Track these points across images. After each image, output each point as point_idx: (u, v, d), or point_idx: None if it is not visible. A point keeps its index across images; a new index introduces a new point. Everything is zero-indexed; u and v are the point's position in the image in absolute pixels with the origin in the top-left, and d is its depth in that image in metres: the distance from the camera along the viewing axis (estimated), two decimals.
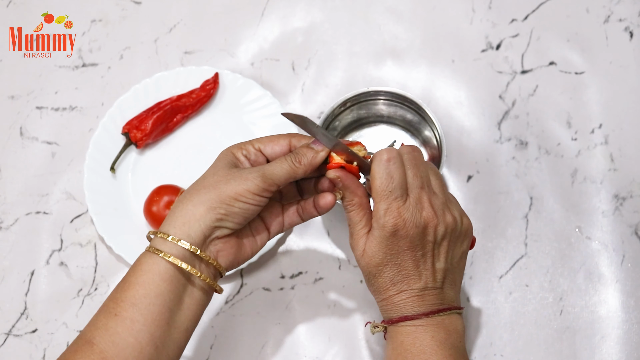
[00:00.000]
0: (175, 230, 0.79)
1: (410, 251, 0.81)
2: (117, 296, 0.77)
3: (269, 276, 1.07)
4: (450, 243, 0.84)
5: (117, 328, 0.76)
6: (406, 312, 0.82)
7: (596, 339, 1.03)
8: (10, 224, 1.11)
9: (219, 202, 0.79)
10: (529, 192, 1.09)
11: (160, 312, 0.77)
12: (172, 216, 0.80)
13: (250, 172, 0.80)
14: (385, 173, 0.81)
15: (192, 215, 0.79)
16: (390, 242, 0.80)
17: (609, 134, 1.12)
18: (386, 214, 0.80)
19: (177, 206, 0.80)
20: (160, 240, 0.79)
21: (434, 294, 0.83)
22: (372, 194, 0.82)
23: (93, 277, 1.09)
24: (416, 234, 0.80)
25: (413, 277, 0.82)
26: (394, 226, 0.80)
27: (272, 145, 0.84)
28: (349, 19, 1.21)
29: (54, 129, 1.17)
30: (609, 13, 1.18)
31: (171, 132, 1.14)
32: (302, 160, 0.82)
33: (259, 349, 1.04)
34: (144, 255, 0.79)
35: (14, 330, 1.06)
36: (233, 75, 1.15)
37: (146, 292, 0.77)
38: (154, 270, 0.77)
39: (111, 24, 1.22)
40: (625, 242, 1.06)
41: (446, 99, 1.15)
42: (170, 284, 0.78)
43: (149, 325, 0.76)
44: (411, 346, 0.81)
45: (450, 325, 0.82)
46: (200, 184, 0.81)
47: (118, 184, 1.11)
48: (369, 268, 0.83)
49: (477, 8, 1.20)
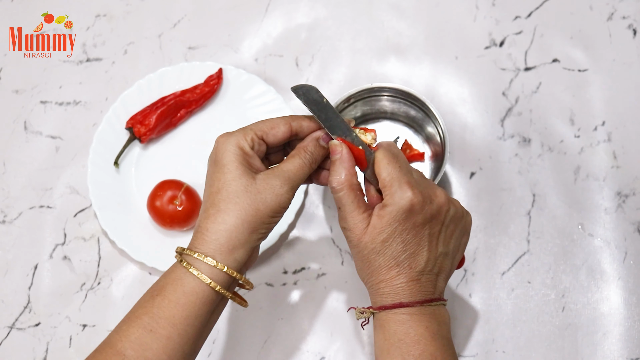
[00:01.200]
0: (223, 257, 0.77)
1: (420, 227, 0.80)
2: (154, 312, 0.76)
3: (272, 272, 1.07)
4: (455, 229, 0.83)
5: (153, 344, 0.75)
6: (402, 298, 0.80)
7: (598, 335, 1.03)
8: (14, 218, 1.12)
9: (260, 223, 0.79)
10: (532, 189, 1.09)
11: (195, 333, 0.78)
12: (213, 237, 0.78)
13: (281, 185, 0.80)
14: (389, 153, 0.81)
15: (238, 240, 0.78)
16: (405, 216, 0.79)
17: (612, 132, 1.12)
18: (402, 186, 0.79)
19: (215, 226, 0.78)
20: (204, 265, 0.77)
21: (430, 280, 0.81)
22: (382, 176, 0.81)
23: (96, 271, 1.09)
24: (430, 210, 0.80)
25: (416, 258, 0.80)
26: (411, 200, 0.78)
27: (273, 132, 0.83)
28: (352, 15, 1.21)
29: (58, 124, 1.17)
30: (612, 10, 1.18)
31: (175, 127, 1.15)
32: (317, 160, 0.84)
33: (262, 344, 1.04)
34: (185, 273, 0.77)
35: (17, 324, 1.07)
36: (237, 71, 1.15)
37: (187, 314, 0.76)
38: (198, 294, 0.77)
39: (115, 19, 1.22)
40: (628, 239, 1.07)
41: (449, 96, 1.16)
42: (209, 306, 0.78)
43: (184, 344, 0.77)
44: (405, 336, 0.79)
45: (440, 317, 0.81)
46: (234, 202, 0.78)
47: (121, 179, 1.11)
48: (373, 244, 0.80)
49: (480, 5, 1.20)
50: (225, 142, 0.81)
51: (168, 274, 0.79)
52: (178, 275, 0.78)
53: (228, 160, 0.79)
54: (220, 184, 0.79)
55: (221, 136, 0.82)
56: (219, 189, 0.79)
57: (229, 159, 0.80)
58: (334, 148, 0.83)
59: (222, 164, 0.80)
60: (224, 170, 0.79)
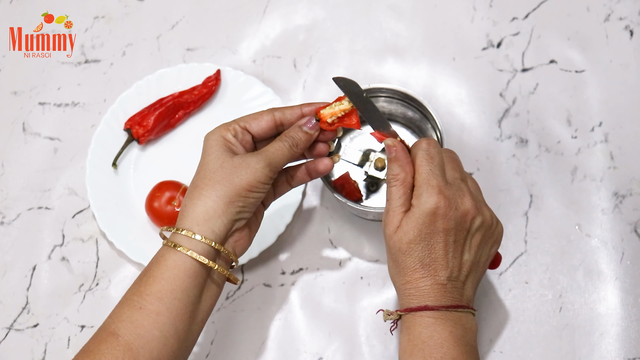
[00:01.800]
0: (200, 227, 0.80)
1: (444, 234, 0.81)
2: (141, 290, 0.79)
3: (270, 272, 1.08)
4: (482, 238, 0.84)
5: (143, 321, 0.77)
6: (428, 302, 0.81)
7: (595, 336, 1.03)
8: (12, 219, 1.12)
9: (236, 196, 0.82)
10: (529, 190, 1.10)
11: (185, 307, 0.79)
12: (191, 212, 0.81)
13: (257, 161, 0.83)
14: (425, 153, 0.83)
15: (214, 211, 0.81)
16: (429, 220, 0.80)
17: (609, 132, 1.12)
18: (429, 190, 0.81)
19: (192, 202, 0.82)
20: (183, 238, 0.80)
21: (456, 287, 0.82)
22: (415, 176, 0.83)
23: (94, 272, 1.09)
24: (454, 217, 0.81)
25: (441, 263, 0.81)
26: (436, 204, 0.80)
27: (257, 122, 0.87)
28: (350, 17, 1.22)
29: (56, 125, 1.17)
30: (609, 12, 1.19)
31: (173, 129, 1.15)
32: (299, 145, 0.86)
33: (260, 344, 1.04)
34: (167, 250, 0.81)
35: (16, 325, 1.07)
36: (235, 72, 1.16)
37: (172, 288, 0.79)
38: (180, 267, 0.79)
39: (114, 20, 1.23)
40: (625, 239, 1.07)
41: (447, 97, 1.16)
42: (195, 279, 0.80)
43: (174, 319, 0.78)
44: (429, 339, 0.80)
45: (467, 323, 0.82)
46: (210, 178, 0.82)
47: (120, 180, 1.12)
48: (400, 244, 0.82)
49: (478, 6, 1.20)
50: (210, 134, 0.86)
51: (155, 255, 0.82)
52: (161, 253, 0.81)
53: (209, 147, 0.84)
54: (200, 167, 0.84)
55: (208, 133, 0.86)
56: (199, 172, 0.84)
57: (210, 145, 0.84)
58: (388, 147, 0.86)
59: (206, 152, 0.85)
60: (205, 156, 0.84)
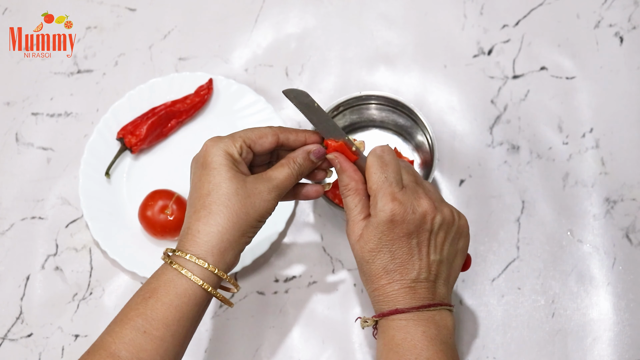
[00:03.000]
0: (214, 258, 0.79)
1: (406, 238, 0.81)
2: (147, 313, 0.78)
3: (263, 280, 1.08)
4: (447, 235, 0.84)
5: (146, 345, 0.77)
6: (398, 305, 0.81)
7: (588, 341, 1.03)
8: (5, 229, 1.12)
9: (248, 227, 0.81)
10: (521, 196, 1.10)
11: (187, 333, 0.80)
12: (204, 239, 0.79)
13: (269, 191, 0.82)
14: (379, 161, 0.83)
15: (229, 243, 0.80)
16: (387, 227, 0.80)
17: (599, 138, 1.13)
18: (383, 198, 0.80)
19: (206, 228, 0.80)
20: (195, 266, 0.79)
21: (426, 287, 0.82)
22: (369, 184, 0.83)
23: (88, 281, 1.09)
24: (413, 221, 0.80)
25: (406, 266, 0.81)
26: (392, 211, 0.80)
27: (261, 142, 0.85)
28: (342, 25, 1.22)
29: (49, 135, 1.17)
30: (599, 18, 1.19)
31: (166, 138, 1.15)
32: (304, 172, 0.86)
33: (253, 352, 1.04)
34: (177, 275, 0.79)
35: (10, 335, 1.07)
36: (227, 81, 1.16)
37: (180, 316, 0.78)
38: (190, 295, 0.79)
39: (106, 30, 1.23)
40: (617, 245, 1.07)
41: (438, 104, 1.16)
42: (200, 307, 0.80)
43: (176, 345, 0.78)
44: (402, 341, 0.80)
45: (441, 321, 0.82)
46: (226, 205, 0.80)
47: (113, 189, 1.12)
48: (362, 253, 0.82)
49: (468, 14, 1.21)
50: (214, 147, 0.82)
51: (158, 275, 0.80)
52: (169, 278, 0.79)
53: (218, 164, 0.81)
54: (211, 187, 0.81)
55: (210, 140, 0.84)
56: (210, 191, 0.80)
57: (218, 162, 0.81)
58: (331, 161, 0.86)
59: (212, 167, 0.81)
60: (213, 173, 0.81)
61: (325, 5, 1.23)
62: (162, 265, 0.81)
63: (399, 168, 0.84)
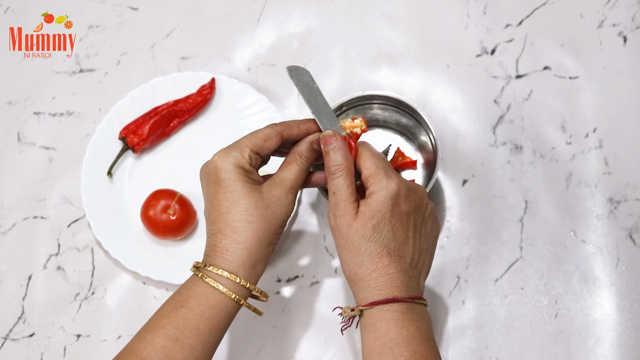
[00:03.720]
0: (246, 273, 0.81)
1: (406, 216, 0.81)
2: (180, 323, 0.79)
3: (266, 280, 1.07)
4: (431, 226, 0.86)
5: (177, 354, 0.78)
6: (396, 292, 0.79)
7: (591, 341, 1.03)
8: (7, 229, 1.12)
9: (274, 235, 0.83)
10: (524, 196, 1.10)
11: (216, 343, 0.81)
12: (233, 255, 0.81)
13: (286, 195, 0.83)
14: (374, 150, 0.85)
15: (258, 256, 0.81)
16: (392, 202, 0.80)
17: (603, 138, 1.13)
18: (388, 176, 0.81)
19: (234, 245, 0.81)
20: (229, 282, 0.80)
21: (414, 276, 0.82)
22: (366, 166, 0.83)
23: (90, 281, 1.09)
24: (414, 200, 0.83)
25: (404, 248, 0.81)
26: (398, 187, 0.81)
27: (267, 145, 0.84)
28: (344, 25, 1.22)
29: (51, 134, 1.17)
30: (602, 18, 1.19)
31: (168, 137, 1.15)
32: (311, 162, 0.87)
33: (255, 352, 1.04)
34: (211, 289, 0.80)
35: (12, 335, 1.07)
36: (229, 81, 1.16)
37: (211, 326, 0.79)
38: (222, 307, 0.80)
39: (108, 30, 1.23)
40: (620, 245, 1.07)
41: (441, 104, 1.16)
42: (229, 318, 0.82)
43: (206, 355, 0.80)
44: (397, 336, 0.78)
45: (427, 317, 0.82)
46: (248, 220, 0.81)
47: (115, 189, 1.12)
48: (364, 230, 0.80)
49: (471, 13, 1.21)
50: (224, 162, 0.82)
51: (190, 287, 0.81)
52: (202, 290, 0.80)
53: (232, 179, 0.81)
54: (230, 204, 0.81)
55: (218, 155, 0.83)
56: (229, 209, 0.81)
57: (232, 177, 0.82)
58: (328, 139, 0.84)
59: (226, 183, 0.81)
60: (229, 190, 0.81)
61: (328, 5, 1.22)
62: (192, 277, 0.82)
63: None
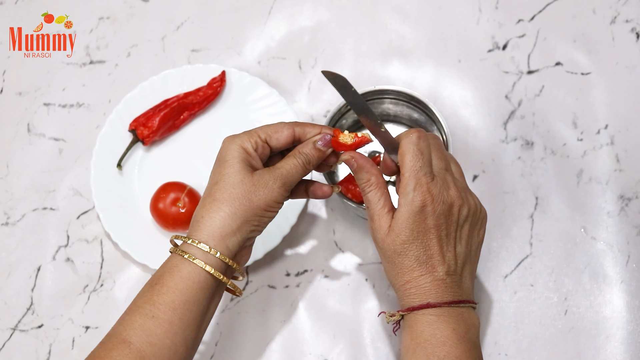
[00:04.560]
0: (216, 242, 0.81)
1: (435, 229, 0.81)
2: (154, 299, 0.80)
3: (275, 274, 1.07)
4: (471, 227, 0.84)
5: (155, 329, 0.78)
6: (430, 299, 0.81)
7: (601, 339, 1.03)
8: (17, 220, 1.12)
9: (252, 215, 0.82)
10: (535, 192, 1.10)
11: (195, 318, 0.81)
12: (208, 225, 0.82)
13: (274, 181, 0.83)
14: (416, 149, 0.82)
15: (231, 228, 0.81)
16: (418, 218, 0.80)
17: (614, 135, 1.12)
18: (415, 189, 0.80)
19: (210, 214, 0.82)
20: (199, 250, 0.81)
21: (455, 281, 0.82)
22: (402, 170, 0.82)
23: (99, 273, 1.09)
24: (442, 212, 0.81)
25: (437, 259, 0.81)
26: (423, 201, 0.80)
27: (277, 137, 0.86)
28: (355, 18, 1.21)
29: (61, 126, 1.17)
30: (615, 14, 1.18)
31: (178, 130, 1.15)
32: (312, 162, 0.86)
33: (264, 346, 1.04)
34: (182, 261, 0.81)
35: (20, 326, 1.07)
36: (240, 74, 1.16)
37: (186, 299, 0.80)
38: (194, 279, 0.80)
39: (119, 21, 1.23)
40: (631, 242, 1.07)
41: (452, 99, 1.16)
42: (206, 291, 0.81)
43: (185, 329, 0.80)
44: (432, 337, 0.80)
45: (469, 319, 0.82)
46: (230, 193, 0.82)
47: (124, 181, 1.12)
48: (394, 246, 0.81)
49: (483, 8, 1.20)
50: (230, 142, 0.85)
51: (165, 263, 0.83)
52: (174, 263, 0.81)
53: (230, 157, 0.84)
54: (219, 177, 0.83)
55: (227, 137, 0.86)
56: (217, 181, 0.83)
57: (230, 155, 0.84)
58: (347, 161, 0.86)
59: (224, 160, 0.84)
60: (225, 166, 0.84)
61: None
62: (169, 255, 0.84)
63: (430, 156, 0.84)
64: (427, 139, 0.84)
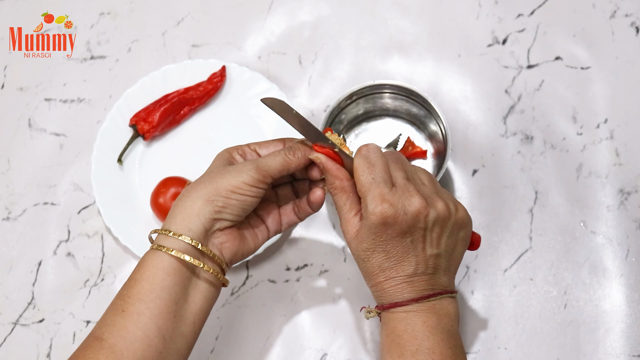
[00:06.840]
0: (177, 226, 0.81)
1: (399, 238, 0.80)
2: (123, 293, 0.80)
3: (275, 268, 1.08)
4: (443, 229, 0.82)
5: (125, 323, 0.78)
6: (396, 299, 0.82)
7: (600, 332, 1.03)
8: (18, 215, 1.12)
9: (215, 195, 0.81)
10: (534, 187, 1.10)
11: (166, 305, 0.79)
12: (172, 213, 0.82)
13: (245, 165, 0.83)
14: (366, 162, 0.81)
15: (191, 209, 0.81)
16: (379, 230, 0.80)
17: (614, 129, 1.12)
18: (372, 201, 0.79)
19: (177, 204, 0.83)
20: (162, 237, 0.81)
21: (424, 280, 0.82)
22: (357, 187, 0.82)
23: (100, 267, 1.09)
24: (405, 221, 0.79)
25: (402, 264, 0.81)
26: (382, 214, 0.79)
27: (267, 146, 0.87)
28: (356, 13, 1.22)
29: (62, 121, 1.17)
30: (615, 8, 1.18)
31: (178, 125, 1.15)
32: (295, 153, 0.84)
33: (264, 340, 1.04)
34: (148, 253, 0.81)
35: (21, 320, 1.07)
36: (240, 69, 1.16)
37: (151, 287, 0.79)
38: (158, 266, 0.80)
39: (119, 16, 1.23)
40: (630, 236, 1.07)
41: (452, 93, 1.16)
42: (175, 277, 0.80)
43: (156, 318, 0.78)
44: (403, 332, 0.81)
45: (442, 310, 0.82)
46: (198, 181, 0.83)
47: (125, 176, 1.12)
48: (357, 252, 0.83)
49: (483, 3, 1.20)
50: (219, 152, 0.88)
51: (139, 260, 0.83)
52: (144, 257, 0.82)
53: (213, 161, 0.87)
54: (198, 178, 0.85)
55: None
56: (194, 181, 0.85)
57: (215, 160, 0.87)
58: (314, 160, 0.85)
59: (209, 165, 0.87)
60: (207, 169, 0.86)
61: None
62: None
63: (386, 166, 0.82)
64: (378, 150, 0.83)
